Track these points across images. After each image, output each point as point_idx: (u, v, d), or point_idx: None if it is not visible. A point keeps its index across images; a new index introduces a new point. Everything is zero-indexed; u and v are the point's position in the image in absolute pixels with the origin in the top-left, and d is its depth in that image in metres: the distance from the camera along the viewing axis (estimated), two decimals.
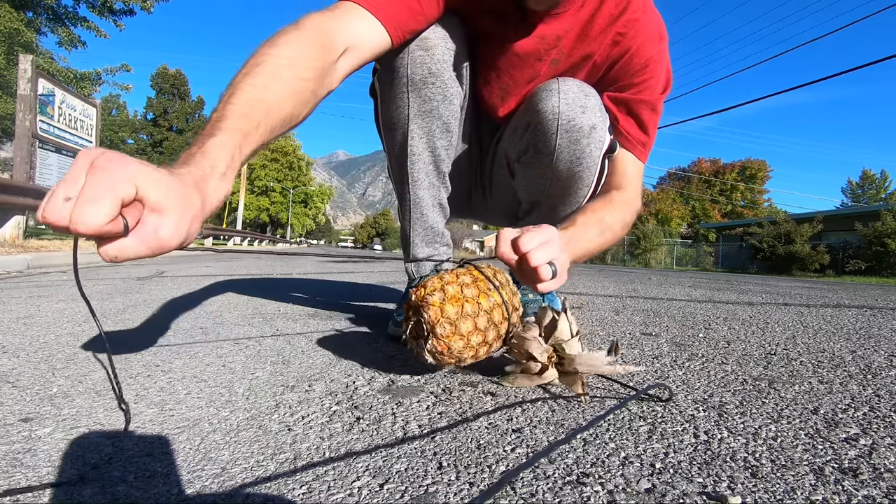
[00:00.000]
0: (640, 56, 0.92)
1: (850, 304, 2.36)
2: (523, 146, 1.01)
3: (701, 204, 42.01)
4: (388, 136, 1.04)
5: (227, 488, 0.40)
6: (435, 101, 0.96)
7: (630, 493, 0.40)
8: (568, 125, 0.92)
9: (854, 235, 14.34)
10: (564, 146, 0.95)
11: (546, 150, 0.97)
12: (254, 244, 18.46)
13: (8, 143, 15.85)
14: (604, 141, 0.95)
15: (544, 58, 0.97)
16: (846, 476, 0.44)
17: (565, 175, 0.99)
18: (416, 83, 0.94)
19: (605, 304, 1.90)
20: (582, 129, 0.92)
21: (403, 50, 0.93)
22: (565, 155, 0.96)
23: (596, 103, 0.94)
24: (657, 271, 9.20)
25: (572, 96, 0.92)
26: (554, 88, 0.93)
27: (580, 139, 0.93)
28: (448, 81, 0.96)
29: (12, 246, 4.11)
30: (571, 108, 0.92)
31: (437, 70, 0.94)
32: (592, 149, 0.94)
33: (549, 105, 0.92)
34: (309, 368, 0.79)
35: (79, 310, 1.35)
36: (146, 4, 10.76)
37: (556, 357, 0.68)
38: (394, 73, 0.96)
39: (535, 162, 1.01)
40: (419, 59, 0.93)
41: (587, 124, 0.92)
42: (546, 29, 0.94)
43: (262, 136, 0.57)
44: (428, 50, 0.93)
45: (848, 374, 0.83)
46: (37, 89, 5.89)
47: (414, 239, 1.06)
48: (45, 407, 0.58)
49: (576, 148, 0.94)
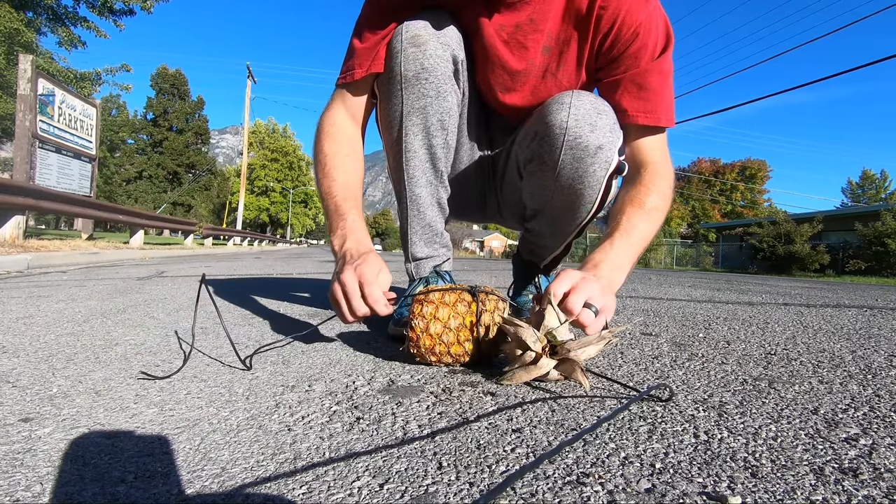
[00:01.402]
0: (629, 23, 0.90)
1: (850, 304, 2.36)
2: (529, 154, 1.01)
3: (701, 204, 42.01)
4: (386, 135, 1.04)
5: (227, 488, 0.40)
6: (428, 97, 0.96)
7: (630, 493, 0.40)
8: (574, 142, 0.91)
9: (854, 235, 14.34)
10: (568, 162, 0.94)
11: (550, 162, 0.96)
12: (254, 244, 18.46)
13: (8, 143, 15.85)
14: (610, 161, 0.93)
15: (531, 46, 0.97)
16: (846, 476, 0.44)
17: (567, 190, 0.98)
18: (409, 80, 0.94)
19: None
20: (588, 148, 0.91)
21: (397, 50, 0.93)
22: (568, 171, 0.95)
23: (607, 122, 0.92)
24: (657, 271, 9.20)
25: (583, 113, 0.90)
26: (566, 102, 0.92)
27: (584, 157, 0.92)
28: (441, 77, 0.96)
29: (12, 246, 4.11)
30: (580, 125, 0.90)
31: (429, 66, 0.94)
32: (596, 168, 0.93)
33: (558, 119, 0.92)
34: (309, 368, 0.79)
35: (79, 310, 1.35)
36: (146, 4, 10.77)
37: (549, 346, 0.69)
38: (388, 72, 0.96)
39: (539, 172, 1.00)
40: (411, 56, 0.93)
41: (594, 143, 0.91)
42: (519, 15, 0.94)
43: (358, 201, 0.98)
44: (419, 46, 0.93)
45: (848, 374, 0.83)
46: (37, 89, 5.89)
47: (412, 238, 1.06)
48: (45, 407, 0.58)
49: (579, 166, 0.93)
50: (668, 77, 0.94)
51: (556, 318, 0.69)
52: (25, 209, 4.84)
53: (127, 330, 1.08)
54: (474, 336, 0.77)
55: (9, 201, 4.48)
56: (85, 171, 7.27)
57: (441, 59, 0.95)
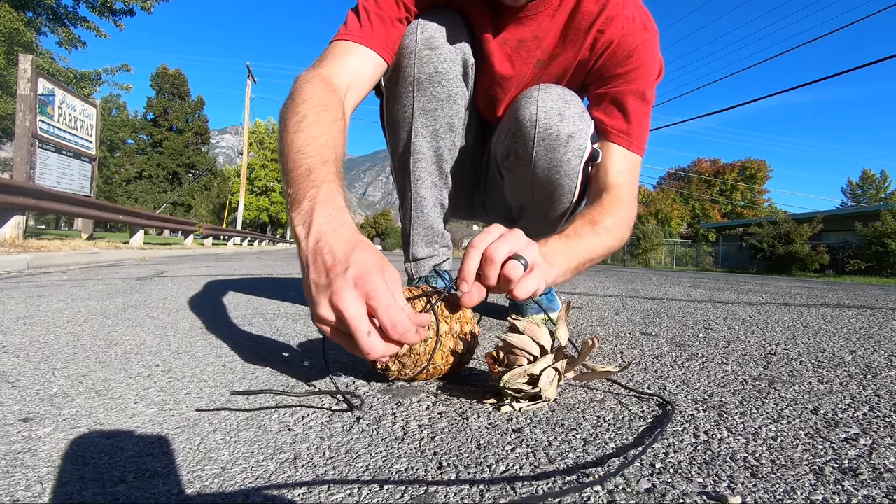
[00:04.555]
0: (624, 47, 0.91)
1: (850, 304, 2.36)
2: (505, 151, 1.02)
3: (701, 204, 42.01)
4: (393, 135, 1.04)
5: (227, 488, 0.40)
6: (440, 100, 0.96)
7: (630, 493, 0.40)
8: (545, 133, 0.92)
9: (854, 235, 14.34)
10: (542, 154, 0.94)
11: (525, 156, 0.97)
12: (254, 244, 18.45)
13: (8, 143, 15.85)
14: (583, 149, 0.93)
15: (527, 59, 0.97)
16: (846, 476, 0.44)
17: (545, 182, 0.98)
18: (423, 82, 0.94)
19: (605, 304, 1.90)
20: (559, 138, 0.92)
21: (410, 50, 0.93)
22: (543, 162, 0.95)
23: (576, 111, 0.92)
24: (657, 271, 9.20)
25: (551, 104, 0.91)
26: (533, 96, 0.93)
27: (557, 147, 0.93)
28: (454, 80, 0.96)
29: (12, 246, 4.11)
30: (549, 116, 0.91)
31: (443, 69, 0.94)
32: (571, 157, 0.93)
33: (528, 112, 0.93)
34: (309, 368, 0.79)
35: (79, 310, 1.35)
36: (146, 4, 10.77)
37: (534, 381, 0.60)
38: (400, 73, 0.96)
39: (516, 168, 1.01)
40: (426, 59, 0.93)
41: (564, 133, 0.91)
42: (524, 31, 0.94)
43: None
44: (435, 49, 0.93)
45: (848, 374, 0.83)
46: (37, 89, 5.89)
47: (414, 238, 1.06)
48: (45, 407, 0.58)
49: (553, 156, 0.94)
50: (648, 107, 0.94)
51: (531, 342, 0.60)
52: (25, 209, 4.84)
53: (127, 330, 1.08)
54: (430, 347, 0.63)
55: (9, 201, 4.48)
56: (85, 171, 7.27)
57: (454, 62, 0.95)
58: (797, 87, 22.91)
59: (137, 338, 1.00)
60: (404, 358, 0.63)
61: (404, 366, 0.64)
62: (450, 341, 0.66)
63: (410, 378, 0.68)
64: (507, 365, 0.61)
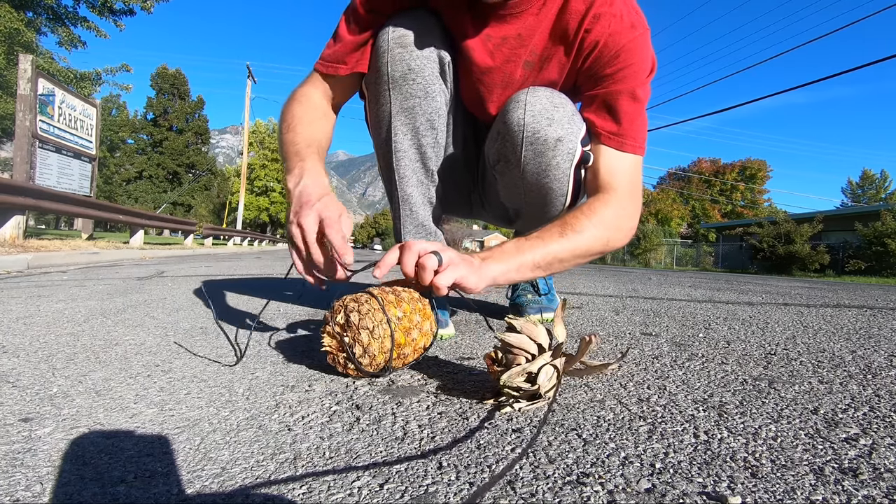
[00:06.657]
0: (611, 46, 0.89)
1: (850, 304, 2.36)
2: (496, 155, 1.02)
3: (701, 204, 42.02)
4: (376, 136, 1.04)
5: (227, 488, 0.40)
6: (416, 97, 0.96)
7: (630, 493, 0.40)
8: (532, 137, 0.92)
9: (854, 235, 14.34)
10: (530, 158, 0.94)
11: (514, 160, 0.96)
12: (254, 244, 18.45)
13: (8, 143, 15.85)
14: (573, 152, 0.92)
15: (514, 59, 0.96)
16: (846, 476, 0.44)
17: (536, 186, 0.98)
18: (397, 80, 0.94)
19: (605, 304, 1.90)
20: (547, 142, 0.91)
21: (383, 49, 0.93)
22: (532, 167, 0.95)
23: (565, 114, 0.91)
24: (657, 271, 9.20)
25: (539, 108, 0.91)
26: (522, 100, 0.92)
27: (545, 151, 0.92)
28: (429, 78, 0.96)
29: (12, 246, 4.11)
30: (537, 121, 0.91)
31: (416, 66, 0.94)
32: (560, 161, 0.93)
33: (516, 117, 0.92)
34: (309, 368, 0.79)
35: (79, 310, 1.35)
36: (146, 4, 10.76)
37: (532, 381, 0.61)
38: (376, 73, 0.96)
39: (507, 172, 1.01)
40: (398, 57, 0.93)
41: (552, 136, 0.91)
42: (508, 29, 0.93)
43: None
44: (406, 47, 0.93)
45: (848, 374, 0.83)
46: (37, 89, 5.89)
47: (405, 237, 1.06)
48: (45, 407, 0.58)
49: (541, 160, 0.94)
50: (641, 105, 0.92)
51: (529, 341, 0.61)
52: (25, 209, 4.84)
53: (127, 330, 1.08)
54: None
55: (9, 201, 4.48)
56: (85, 170, 7.27)
57: (428, 59, 0.95)
58: (797, 87, 22.92)
59: (137, 338, 1.00)
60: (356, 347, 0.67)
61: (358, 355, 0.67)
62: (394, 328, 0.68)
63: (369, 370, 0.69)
64: (506, 364, 0.61)
